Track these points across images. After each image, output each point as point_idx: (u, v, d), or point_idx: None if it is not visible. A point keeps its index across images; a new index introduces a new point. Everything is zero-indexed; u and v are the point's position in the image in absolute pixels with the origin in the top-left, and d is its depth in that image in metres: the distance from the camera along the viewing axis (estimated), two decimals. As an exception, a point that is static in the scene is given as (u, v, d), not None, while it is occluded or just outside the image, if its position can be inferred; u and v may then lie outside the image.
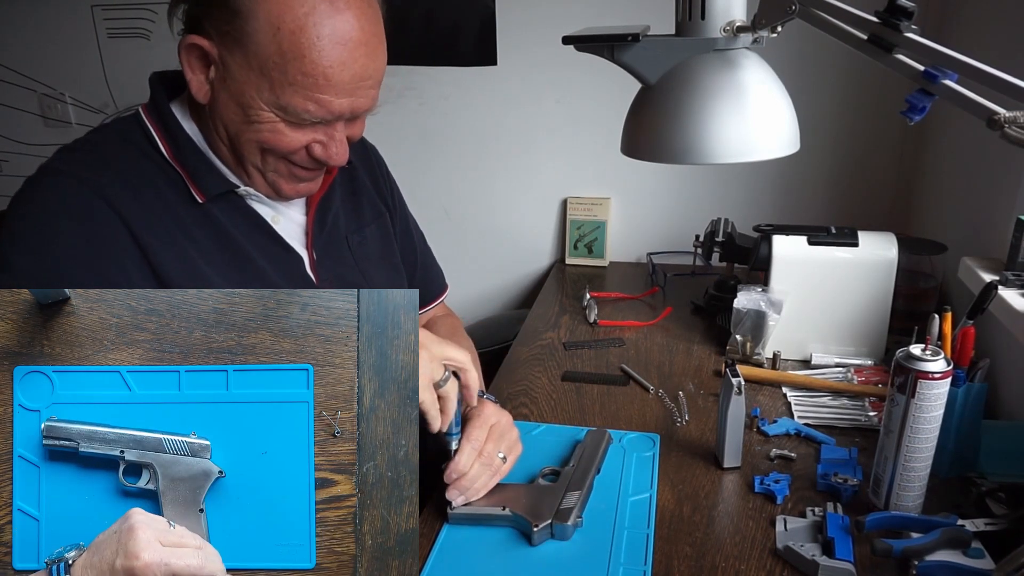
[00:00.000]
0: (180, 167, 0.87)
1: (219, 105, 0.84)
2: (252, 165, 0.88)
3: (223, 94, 0.83)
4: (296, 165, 0.88)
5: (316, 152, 0.87)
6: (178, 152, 0.87)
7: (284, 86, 0.80)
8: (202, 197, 0.87)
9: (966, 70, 0.62)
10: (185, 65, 0.83)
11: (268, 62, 0.79)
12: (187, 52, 0.82)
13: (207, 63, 0.82)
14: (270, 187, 0.90)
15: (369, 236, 1.07)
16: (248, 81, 0.81)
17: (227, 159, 0.89)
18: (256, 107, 0.82)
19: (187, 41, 0.81)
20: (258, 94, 0.81)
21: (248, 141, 0.85)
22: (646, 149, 0.79)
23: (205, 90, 0.84)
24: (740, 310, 1.25)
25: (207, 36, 0.81)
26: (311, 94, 0.80)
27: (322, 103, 0.81)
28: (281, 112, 0.82)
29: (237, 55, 0.80)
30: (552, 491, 0.89)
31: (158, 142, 0.87)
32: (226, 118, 0.84)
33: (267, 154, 0.86)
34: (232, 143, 0.87)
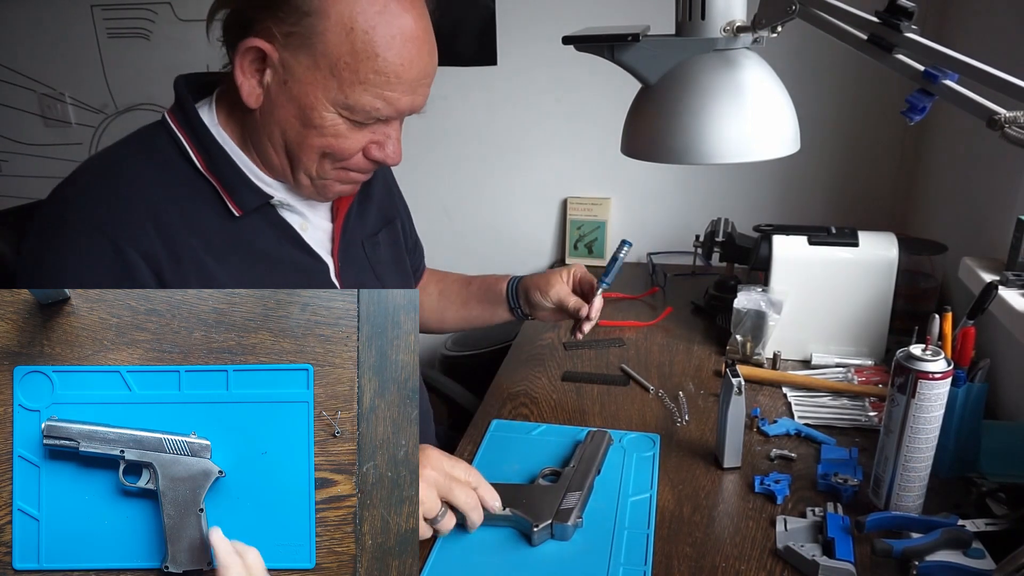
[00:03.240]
0: (214, 179, 0.86)
1: (276, 109, 0.83)
2: (305, 172, 0.87)
3: (282, 97, 0.82)
4: (350, 170, 0.88)
5: (373, 153, 0.87)
6: (211, 163, 0.85)
7: (354, 85, 0.80)
8: (239, 211, 0.86)
9: (966, 70, 0.62)
10: (238, 69, 0.81)
11: (339, 61, 0.79)
12: (243, 56, 0.80)
13: (262, 67, 0.81)
14: (316, 190, 0.90)
15: (381, 241, 1.07)
16: (314, 82, 0.80)
17: (275, 164, 0.87)
18: (320, 109, 0.81)
19: (246, 44, 0.79)
20: (324, 95, 0.80)
21: (308, 147, 0.84)
22: (646, 149, 0.79)
23: (257, 94, 0.82)
24: (740, 310, 1.25)
25: (267, 39, 0.79)
26: (381, 92, 0.81)
27: (390, 100, 0.82)
28: (347, 112, 0.82)
29: (303, 56, 0.79)
30: (552, 491, 0.89)
31: (189, 152, 0.85)
32: (284, 122, 0.83)
33: (325, 159, 0.86)
34: (288, 148, 0.85)
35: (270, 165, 0.88)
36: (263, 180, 0.89)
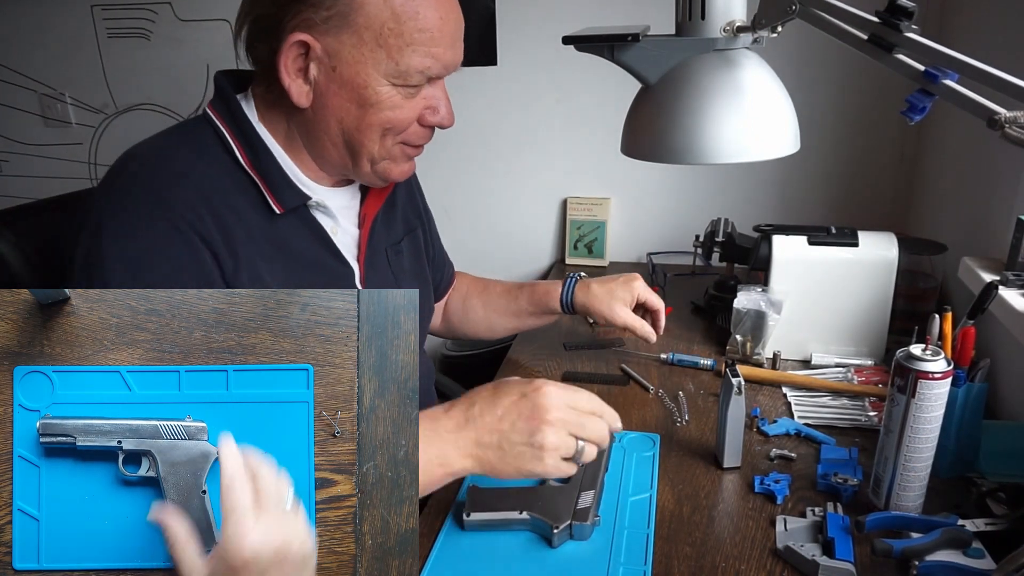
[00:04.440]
0: (258, 176, 0.86)
1: (328, 100, 0.83)
2: (368, 156, 0.87)
3: (332, 86, 0.82)
4: (408, 144, 0.89)
5: (428, 119, 0.88)
6: (255, 159, 0.86)
7: (402, 48, 0.80)
8: (280, 208, 0.86)
9: (966, 70, 0.62)
10: (282, 71, 0.81)
11: (383, 29, 0.79)
12: (287, 55, 0.80)
13: (304, 64, 0.81)
14: (377, 176, 0.90)
15: (404, 249, 1.07)
16: (363, 59, 0.80)
17: (334, 158, 0.88)
18: (375, 84, 0.82)
19: (290, 41, 0.79)
20: (375, 68, 0.81)
21: (369, 127, 0.84)
22: (646, 149, 0.79)
23: (307, 92, 0.83)
24: (740, 310, 1.25)
25: (306, 30, 0.79)
26: (428, 49, 0.82)
27: (437, 56, 0.83)
28: (399, 80, 0.82)
29: (346, 36, 0.79)
30: (566, 492, 0.89)
31: (233, 147, 0.85)
32: (340, 110, 0.83)
33: (386, 136, 0.86)
34: (347, 137, 0.85)
35: (328, 160, 0.88)
36: (301, 180, 0.90)
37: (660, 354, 1.28)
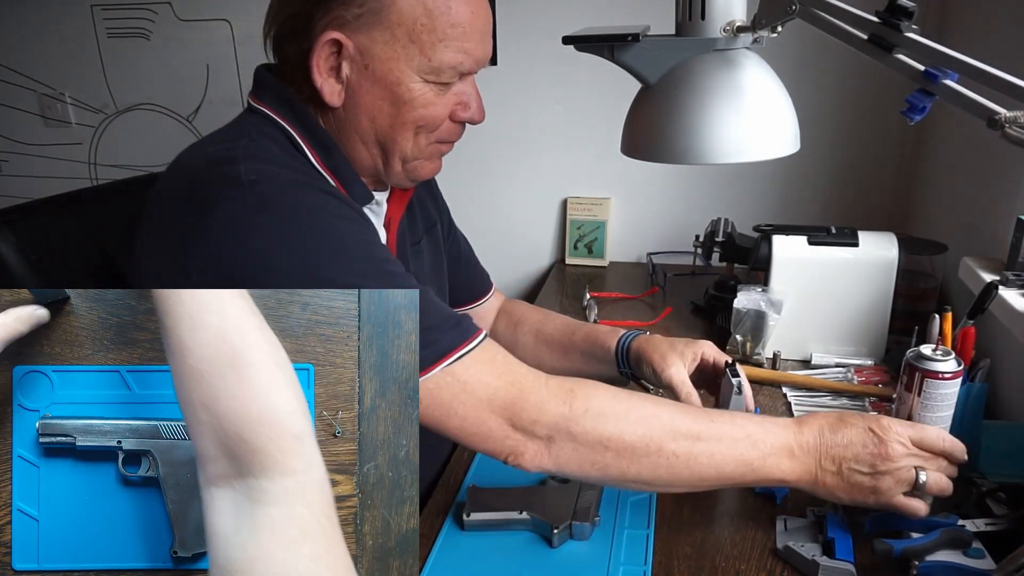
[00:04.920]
0: (330, 173, 0.84)
1: (361, 100, 0.82)
2: (400, 155, 0.86)
3: (365, 84, 0.81)
4: (441, 142, 0.88)
5: (460, 115, 0.87)
6: (327, 157, 0.84)
7: (435, 44, 0.80)
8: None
9: (966, 70, 0.62)
10: (315, 71, 0.80)
11: (416, 25, 0.79)
12: (319, 54, 0.79)
13: (336, 63, 0.80)
14: (407, 176, 0.89)
15: (424, 249, 1.06)
16: (396, 56, 0.80)
17: (364, 158, 0.86)
18: (407, 81, 0.81)
19: (324, 39, 0.78)
20: (408, 64, 0.80)
21: (402, 124, 0.83)
22: (646, 149, 0.79)
23: (339, 91, 0.82)
24: (740, 310, 1.25)
25: (338, 28, 0.79)
26: (460, 44, 0.81)
27: (469, 52, 0.82)
28: (432, 76, 0.81)
29: (378, 33, 0.79)
30: (566, 492, 0.89)
31: (303, 147, 0.83)
32: (373, 108, 0.83)
33: (419, 134, 0.85)
34: (379, 136, 0.84)
35: (360, 161, 0.87)
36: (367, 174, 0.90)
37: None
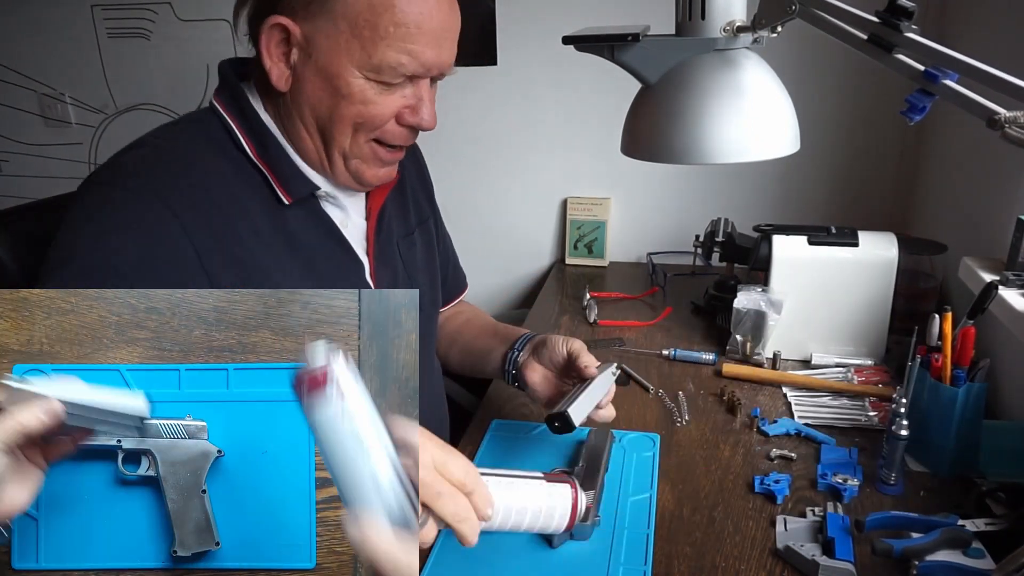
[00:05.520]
0: (266, 167, 0.85)
1: (304, 87, 0.82)
2: (339, 151, 0.86)
3: (308, 73, 0.81)
4: (383, 145, 0.87)
5: (407, 119, 0.86)
6: (263, 151, 0.85)
7: (376, 42, 0.79)
8: (288, 199, 0.86)
9: (966, 70, 0.62)
10: (264, 53, 0.81)
11: (359, 19, 0.78)
12: (267, 36, 0.80)
13: (287, 47, 0.81)
14: (352, 176, 0.89)
15: (417, 241, 1.06)
16: (337, 48, 0.80)
17: (310, 149, 0.87)
18: (347, 75, 0.80)
19: (269, 22, 0.79)
20: (349, 59, 0.80)
21: (340, 118, 0.83)
22: (646, 149, 0.79)
23: (287, 76, 0.82)
24: (740, 310, 1.25)
25: (288, 14, 0.79)
26: (404, 45, 0.80)
27: (414, 54, 0.81)
28: (374, 74, 0.81)
29: (323, 23, 0.79)
30: None
31: (241, 139, 0.85)
32: (313, 99, 0.83)
33: (359, 132, 0.85)
34: (320, 127, 0.85)
35: (305, 150, 0.87)
36: (309, 172, 0.89)
37: (662, 350, 1.28)
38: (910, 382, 0.90)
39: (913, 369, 0.90)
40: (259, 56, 0.82)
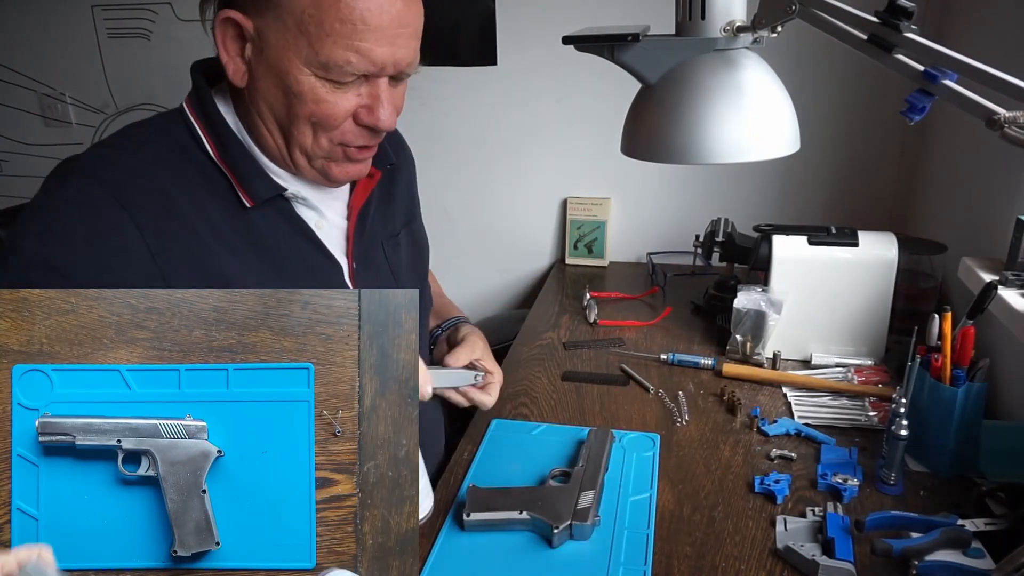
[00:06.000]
0: (227, 169, 0.84)
1: (259, 84, 0.81)
2: (301, 150, 0.85)
3: (261, 69, 0.80)
4: (346, 145, 0.85)
5: (363, 118, 0.83)
6: (224, 152, 0.84)
7: (322, 39, 0.77)
8: (251, 202, 0.84)
9: (966, 70, 0.62)
10: (220, 47, 0.80)
11: (304, 16, 0.76)
12: (221, 30, 0.79)
13: (242, 42, 0.80)
14: (319, 173, 0.87)
15: (402, 242, 1.05)
16: (285, 45, 0.78)
17: (273, 148, 0.86)
18: (296, 73, 0.79)
19: (221, 16, 0.79)
20: (297, 56, 0.78)
21: (295, 118, 0.82)
22: (646, 149, 0.79)
23: (242, 71, 0.81)
24: (740, 310, 1.25)
25: (240, 9, 0.79)
26: (351, 42, 0.77)
27: (363, 52, 0.78)
28: (322, 71, 0.79)
29: (271, 19, 0.78)
30: (566, 492, 0.89)
31: (204, 141, 0.84)
32: (269, 96, 0.82)
33: (318, 132, 0.83)
34: (280, 125, 0.84)
35: (268, 149, 0.86)
36: (277, 172, 0.88)
37: (660, 354, 1.28)
38: (910, 382, 0.91)
39: (913, 369, 0.90)
40: (217, 51, 0.81)
